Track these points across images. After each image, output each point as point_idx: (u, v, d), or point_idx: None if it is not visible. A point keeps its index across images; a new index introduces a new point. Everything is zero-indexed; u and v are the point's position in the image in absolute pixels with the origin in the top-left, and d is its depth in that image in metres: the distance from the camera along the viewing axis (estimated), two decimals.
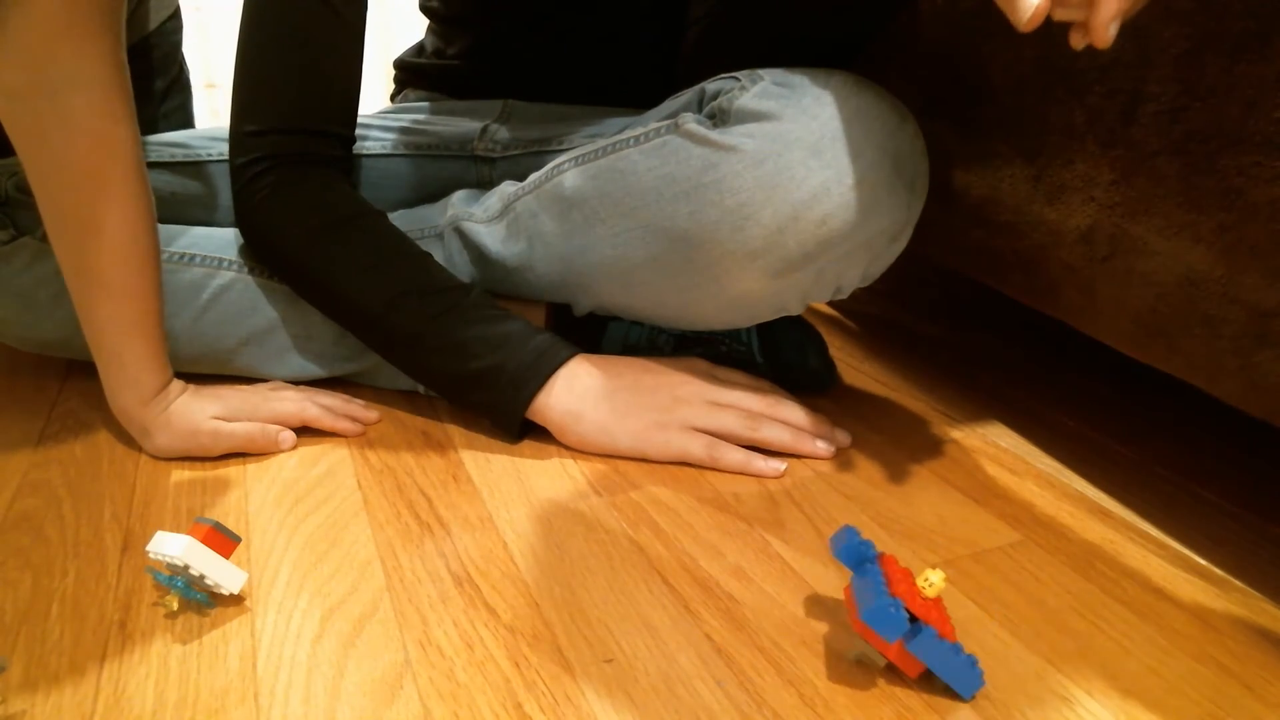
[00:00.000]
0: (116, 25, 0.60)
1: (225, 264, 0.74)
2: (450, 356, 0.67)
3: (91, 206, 0.61)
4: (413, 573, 0.54)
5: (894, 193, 0.59)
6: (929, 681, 0.46)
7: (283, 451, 0.68)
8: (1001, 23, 0.61)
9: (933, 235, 0.73)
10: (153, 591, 0.52)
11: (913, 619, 0.45)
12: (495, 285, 0.77)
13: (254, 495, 0.62)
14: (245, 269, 0.74)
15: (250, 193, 0.71)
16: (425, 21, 0.90)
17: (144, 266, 0.64)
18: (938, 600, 0.47)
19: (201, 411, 0.67)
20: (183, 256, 0.74)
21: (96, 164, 0.60)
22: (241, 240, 0.76)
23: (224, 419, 0.67)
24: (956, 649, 0.44)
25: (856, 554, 0.48)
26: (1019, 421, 0.75)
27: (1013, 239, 0.66)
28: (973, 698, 0.45)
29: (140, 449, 0.68)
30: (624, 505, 0.61)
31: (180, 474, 0.65)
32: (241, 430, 0.67)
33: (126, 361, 0.64)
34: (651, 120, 0.67)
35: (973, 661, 0.45)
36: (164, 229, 0.75)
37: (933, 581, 0.45)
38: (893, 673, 0.47)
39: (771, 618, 0.51)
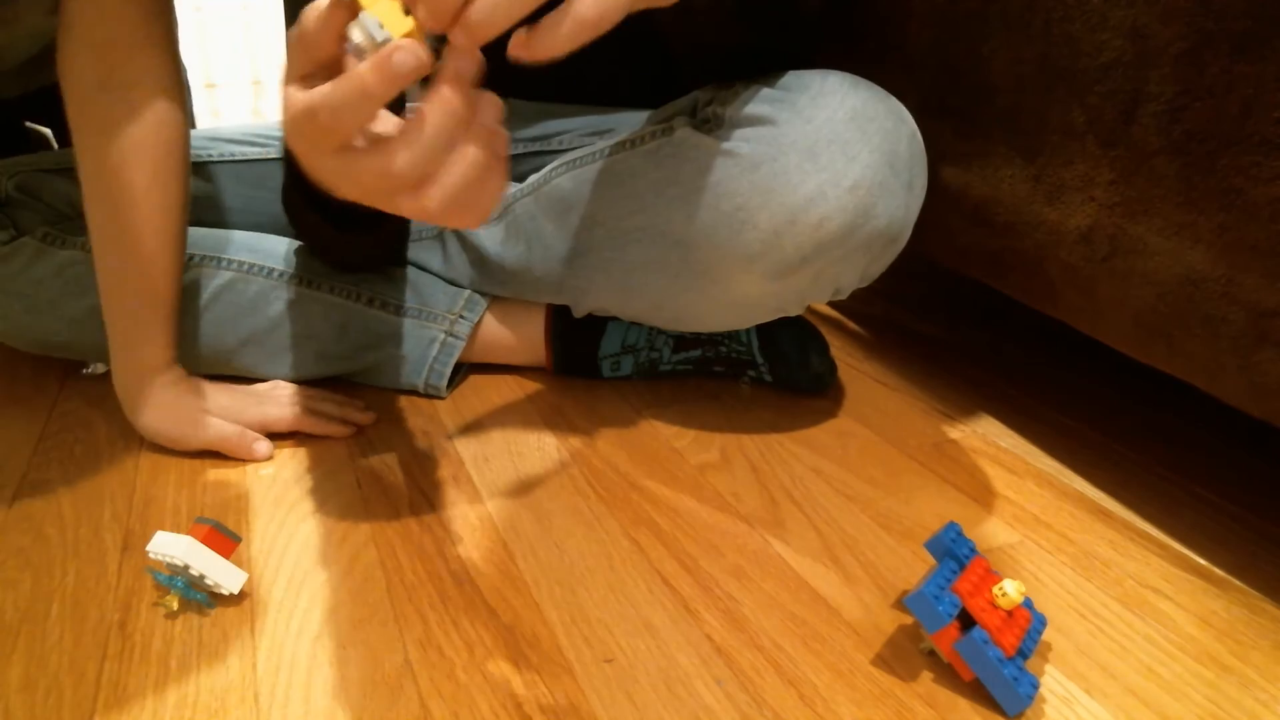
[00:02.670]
0: (176, 32, 0.67)
1: (225, 264, 0.74)
2: None
3: (143, 187, 0.64)
4: (413, 573, 0.54)
5: (891, 194, 0.58)
6: (960, 688, 0.46)
7: (257, 461, 0.67)
8: (1001, 22, 0.62)
9: (933, 235, 0.73)
10: (153, 591, 0.52)
11: (968, 623, 0.45)
12: (494, 286, 0.77)
13: (254, 495, 0.62)
14: (245, 269, 0.74)
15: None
16: None
17: (175, 243, 0.67)
18: (1015, 613, 0.46)
19: (191, 402, 0.67)
20: None
21: (157, 155, 0.64)
22: (241, 240, 0.76)
23: (210, 414, 0.68)
24: (1005, 662, 0.43)
25: (941, 546, 0.48)
26: (1019, 421, 0.75)
27: (1013, 239, 0.66)
28: (1016, 715, 0.44)
29: (139, 444, 0.68)
30: (624, 505, 0.61)
31: (180, 474, 0.65)
32: (219, 429, 0.67)
33: (137, 334, 0.66)
34: (650, 123, 0.67)
35: (1024, 680, 0.44)
36: None
37: (1006, 591, 0.44)
38: (897, 672, 0.47)
39: (771, 618, 0.51)
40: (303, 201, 0.63)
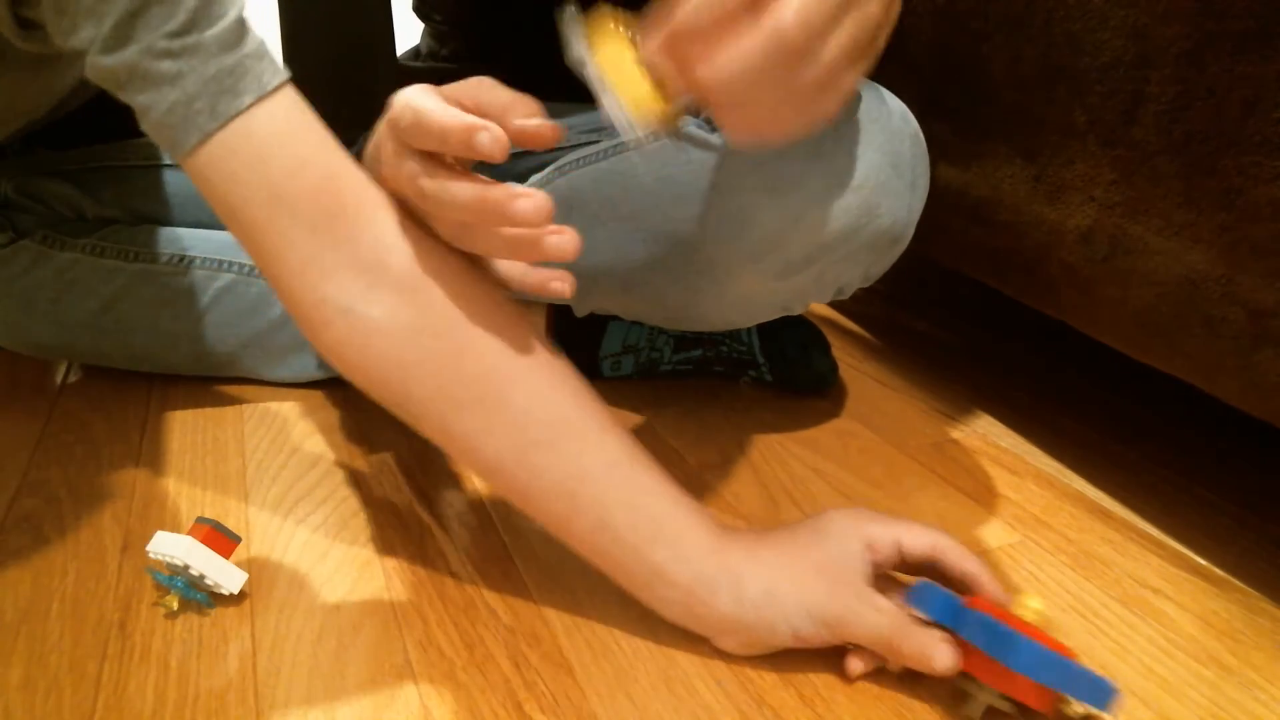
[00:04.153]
0: None
1: (225, 266, 0.74)
2: None
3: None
4: (413, 572, 0.54)
5: (894, 194, 0.58)
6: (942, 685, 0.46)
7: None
8: (1001, 21, 0.62)
9: (933, 235, 0.73)
10: (153, 591, 0.52)
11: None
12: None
13: (254, 495, 0.62)
14: (247, 271, 0.74)
15: None
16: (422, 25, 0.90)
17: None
18: (1030, 628, 0.44)
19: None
20: (183, 259, 0.74)
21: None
22: None
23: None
24: (1013, 635, 0.40)
25: (941, 607, 0.44)
26: (1019, 421, 0.75)
27: (1013, 239, 0.66)
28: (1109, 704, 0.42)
29: (139, 444, 0.68)
30: None
31: (180, 474, 0.65)
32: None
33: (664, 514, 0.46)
34: None
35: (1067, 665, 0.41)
36: (163, 231, 0.75)
37: (1029, 605, 0.44)
38: (889, 674, 0.47)
39: None
40: None
